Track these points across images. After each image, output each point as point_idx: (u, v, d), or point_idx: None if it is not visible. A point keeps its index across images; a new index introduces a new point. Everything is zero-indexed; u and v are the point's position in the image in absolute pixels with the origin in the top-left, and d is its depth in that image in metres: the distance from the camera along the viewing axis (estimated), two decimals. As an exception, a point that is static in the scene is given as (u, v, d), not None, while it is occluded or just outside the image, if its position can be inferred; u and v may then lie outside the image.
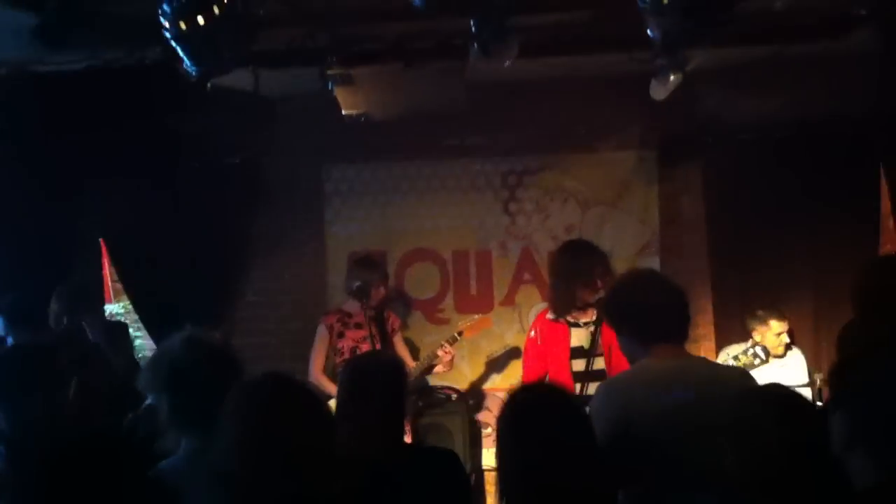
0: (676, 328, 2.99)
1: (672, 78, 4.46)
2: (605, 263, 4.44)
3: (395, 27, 4.14)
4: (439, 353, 5.53)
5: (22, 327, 4.83)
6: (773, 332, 5.61)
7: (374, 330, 5.46)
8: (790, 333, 5.71)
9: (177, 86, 4.42)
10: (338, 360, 5.48)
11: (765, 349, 4.33)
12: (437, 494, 2.82)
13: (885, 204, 6.04)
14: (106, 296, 6.90)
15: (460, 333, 5.68)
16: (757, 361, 4.24)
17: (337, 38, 4.19)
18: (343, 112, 4.51)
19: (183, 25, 3.17)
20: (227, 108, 4.95)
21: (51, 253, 5.75)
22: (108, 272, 6.92)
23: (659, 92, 4.68)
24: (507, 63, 4.30)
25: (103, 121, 5.05)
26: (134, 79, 4.68)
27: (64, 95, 4.85)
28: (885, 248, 6.10)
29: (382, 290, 5.57)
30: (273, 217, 6.43)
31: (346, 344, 5.54)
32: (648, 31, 3.22)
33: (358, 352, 5.44)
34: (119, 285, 6.94)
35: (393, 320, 5.71)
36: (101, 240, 6.27)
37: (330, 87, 4.39)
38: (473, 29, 3.70)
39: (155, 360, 2.68)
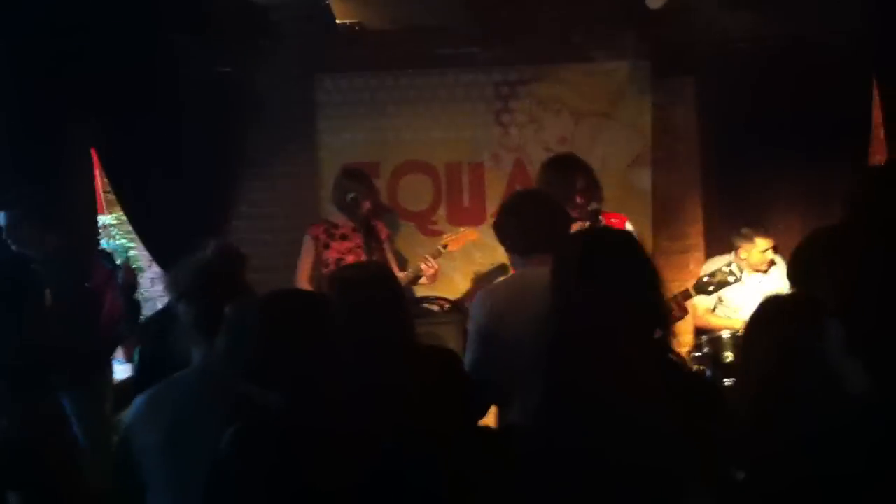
0: (546, 241, 3.22)
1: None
2: (588, 178, 4.48)
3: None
4: (423, 266, 5.57)
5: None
6: (758, 249, 5.68)
7: (360, 241, 5.50)
8: (775, 249, 5.78)
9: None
10: (324, 270, 5.54)
11: (739, 268, 4.46)
12: (437, 391, 2.90)
13: (877, 114, 6.05)
14: (98, 207, 6.91)
15: (444, 247, 5.71)
16: (731, 279, 4.38)
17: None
18: (336, 21, 4.45)
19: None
20: (219, 18, 4.90)
21: (41, 161, 5.71)
22: (99, 183, 6.92)
23: (654, 1, 4.64)
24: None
25: (96, 26, 4.99)
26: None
27: (56, 7, 4.79)
28: (875, 157, 6.13)
29: (369, 203, 5.58)
30: (266, 127, 6.41)
31: (330, 255, 5.58)
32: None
33: (342, 263, 5.45)
34: (111, 196, 6.94)
35: (381, 230, 5.75)
36: (91, 149, 6.24)
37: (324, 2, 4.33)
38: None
39: (189, 264, 2.71)
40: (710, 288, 4.46)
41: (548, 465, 2.02)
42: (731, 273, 4.37)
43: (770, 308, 2.38)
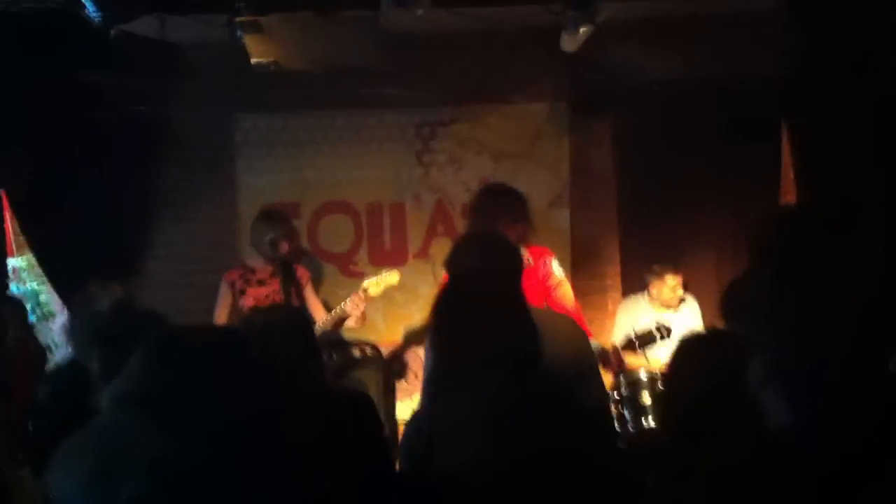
0: None
1: (582, 30, 4.51)
2: (516, 209, 4.43)
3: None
4: (348, 305, 5.41)
5: None
6: (668, 286, 5.77)
7: (278, 286, 5.39)
8: (685, 285, 5.87)
9: (81, 32, 4.30)
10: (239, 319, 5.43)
11: (668, 330, 4.53)
12: (350, 437, 2.85)
13: (786, 157, 6.24)
14: (8, 250, 6.70)
15: (365, 291, 5.48)
16: (658, 338, 4.46)
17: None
18: (252, 60, 4.42)
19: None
20: (133, 56, 4.81)
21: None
22: (9, 225, 6.71)
23: (569, 44, 4.73)
24: (420, 12, 4.29)
25: (4, 66, 4.86)
26: (37, 24, 4.51)
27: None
28: (785, 197, 6.31)
29: (287, 245, 5.47)
30: (183, 168, 6.31)
31: (246, 302, 5.44)
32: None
33: None
34: (22, 238, 6.73)
35: (301, 274, 5.61)
36: (1, 191, 6.06)
37: (239, 35, 4.29)
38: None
39: (86, 319, 2.65)
40: (638, 345, 4.55)
41: None
42: (660, 332, 4.45)
43: (691, 345, 2.42)
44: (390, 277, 5.59)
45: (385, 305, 6.42)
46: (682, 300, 5.81)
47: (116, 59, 4.73)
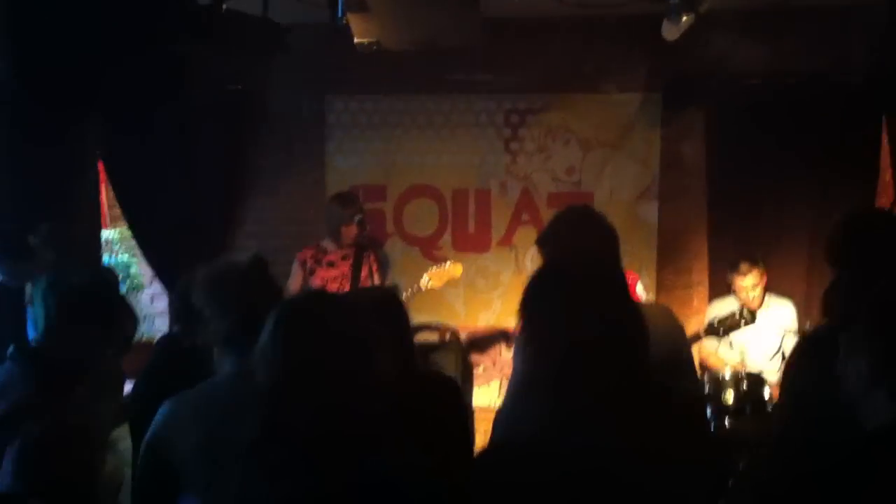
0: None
1: (685, 18, 4.42)
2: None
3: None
4: (406, 295, 5.37)
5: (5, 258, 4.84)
6: (746, 282, 5.60)
7: (347, 270, 5.43)
8: (774, 286, 5.72)
9: (186, 8, 4.38)
10: None
11: (752, 313, 4.43)
12: (436, 420, 2.85)
13: (885, 157, 6.05)
14: (102, 221, 6.89)
15: (428, 280, 5.52)
16: (742, 322, 4.37)
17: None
18: (355, 40, 4.45)
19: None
20: (235, 34, 4.89)
21: (46, 170, 5.69)
22: (104, 197, 6.90)
23: (671, 32, 4.65)
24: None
25: (108, 41, 4.98)
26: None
27: (70, 14, 4.78)
28: (881, 200, 6.13)
29: (354, 228, 5.46)
30: (275, 147, 6.42)
31: (314, 282, 5.50)
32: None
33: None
34: (116, 211, 6.92)
35: (372, 260, 5.62)
36: (99, 162, 6.23)
37: (340, 15, 4.32)
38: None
39: (221, 276, 2.67)
40: (721, 330, 4.46)
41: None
42: (742, 316, 4.36)
43: (807, 345, 2.36)
44: (453, 269, 5.61)
45: (466, 291, 6.44)
46: (762, 299, 5.66)
47: (215, 34, 4.80)
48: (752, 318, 4.45)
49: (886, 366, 1.87)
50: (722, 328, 4.45)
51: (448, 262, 5.61)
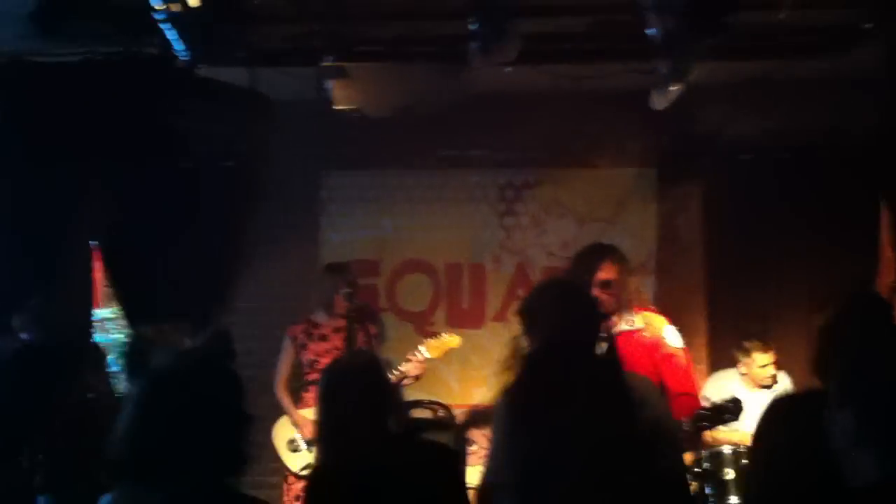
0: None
1: (673, 87, 4.41)
2: (608, 270, 4.20)
3: (395, 27, 4.09)
4: (406, 365, 5.29)
5: None
6: (756, 363, 5.54)
7: (340, 342, 5.31)
8: (777, 364, 5.61)
9: (174, 80, 4.40)
10: (302, 373, 5.40)
11: (738, 406, 4.18)
12: (430, 487, 2.76)
13: (885, 233, 5.98)
14: (95, 300, 6.83)
15: (423, 352, 5.38)
16: (727, 418, 4.11)
17: (335, 37, 4.14)
18: (336, 107, 4.44)
19: (174, 7, 3.11)
20: (224, 106, 4.91)
21: (40, 253, 5.67)
22: (98, 276, 6.85)
23: (660, 102, 4.63)
24: (508, 69, 4.27)
25: (97, 116, 5.00)
26: (130, 72, 4.63)
27: (59, 88, 4.82)
28: (884, 278, 6.02)
29: (347, 300, 5.30)
30: (267, 222, 6.35)
31: (306, 356, 5.41)
32: (650, 31, 3.16)
33: (317, 366, 5.23)
34: (109, 290, 6.86)
35: (369, 329, 5.47)
36: (92, 242, 6.20)
37: (326, 87, 4.33)
38: (474, 28, 3.65)
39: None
40: (704, 423, 4.17)
41: None
42: (728, 410, 4.09)
43: (782, 405, 2.26)
44: (451, 341, 5.49)
45: (460, 367, 6.32)
46: (774, 378, 5.54)
47: (209, 109, 4.82)
48: (737, 412, 4.19)
49: (872, 422, 1.77)
50: (705, 422, 4.16)
51: (445, 333, 5.51)
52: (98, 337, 6.97)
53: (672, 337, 4.24)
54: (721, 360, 6.03)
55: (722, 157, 6.07)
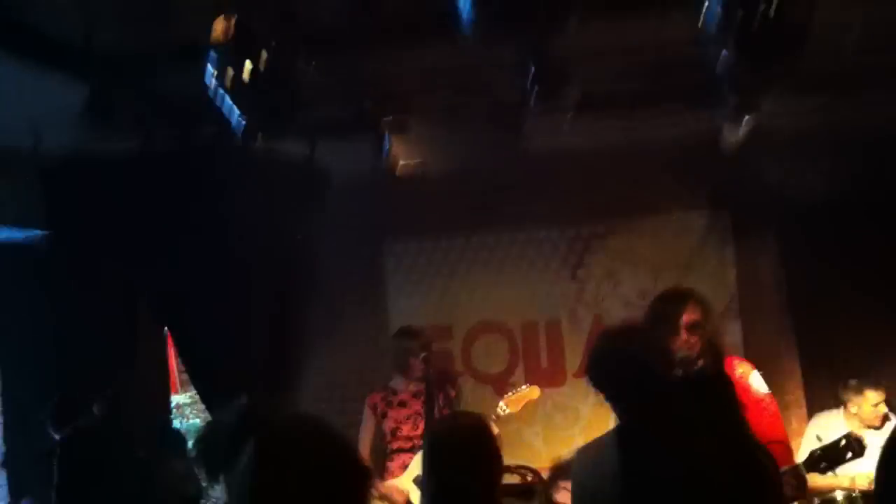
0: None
1: (743, 124, 4.24)
2: (693, 311, 4.05)
3: (451, 85, 4.02)
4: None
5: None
6: (869, 402, 5.27)
7: (419, 407, 5.21)
8: (888, 402, 5.33)
9: (232, 162, 4.38)
10: (384, 442, 5.27)
11: (859, 442, 3.90)
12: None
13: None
14: (172, 386, 6.84)
15: (505, 407, 5.24)
16: (849, 455, 3.85)
17: (391, 99, 4.09)
18: (399, 163, 4.36)
19: (230, 78, 3.08)
20: (282, 183, 4.88)
21: (114, 340, 5.69)
22: (173, 363, 6.87)
23: (731, 139, 4.46)
24: (566, 121, 4.15)
25: (156, 206, 5.02)
26: (187, 160, 4.65)
27: (117, 181, 4.85)
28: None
29: (423, 363, 5.26)
30: (334, 294, 6.33)
31: (388, 425, 5.34)
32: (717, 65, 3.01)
33: (398, 433, 5.24)
34: (185, 376, 6.87)
35: (448, 391, 5.40)
36: (166, 330, 6.22)
37: (385, 151, 4.26)
38: (531, 81, 3.55)
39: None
40: (823, 465, 3.92)
41: None
42: (850, 447, 3.84)
43: None
44: (530, 392, 5.35)
45: (545, 427, 6.14)
46: (886, 418, 5.23)
47: (263, 185, 4.80)
48: (860, 449, 3.91)
49: None
50: (824, 462, 3.91)
51: (524, 386, 5.36)
52: (176, 422, 6.97)
53: (758, 383, 4.17)
54: (818, 402, 5.75)
55: (795, 202, 5.82)
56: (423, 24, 3.18)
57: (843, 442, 3.83)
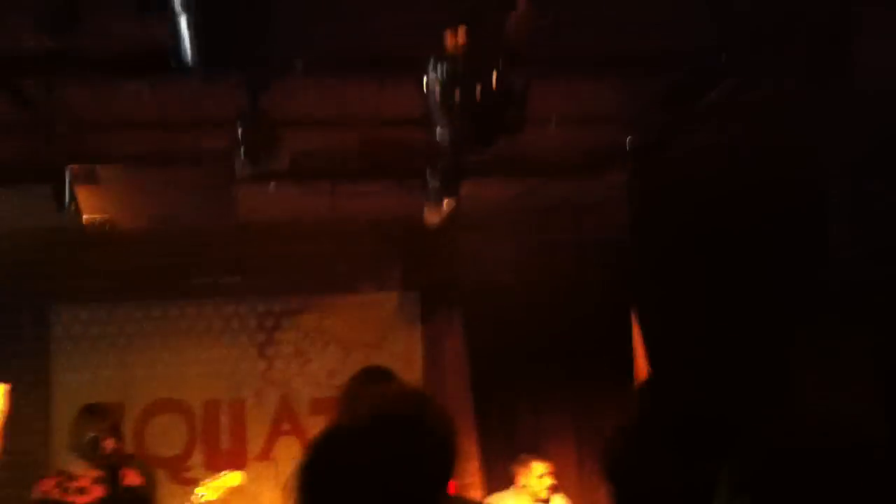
0: None
1: (446, 202, 4.34)
2: None
3: (154, 136, 3.71)
4: None
5: None
6: (534, 474, 5.53)
7: (102, 492, 4.67)
8: (553, 476, 5.60)
9: None
10: None
11: None
12: None
13: (638, 348, 6.17)
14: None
15: (202, 496, 4.92)
16: None
17: (82, 146, 3.68)
18: (84, 217, 3.91)
19: None
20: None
21: None
22: None
23: (432, 217, 4.54)
24: (272, 185, 4.01)
25: None
26: None
27: None
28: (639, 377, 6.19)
29: (111, 443, 4.77)
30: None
31: None
32: (436, 134, 3.02)
33: None
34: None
35: (132, 478, 4.90)
36: None
37: (66, 204, 3.81)
38: (241, 136, 3.37)
39: None
40: None
41: None
42: None
43: None
44: (232, 478, 5.00)
45: (223, 515, 5.71)
46: (555, 489, 5.49)
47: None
48: None
49: None
50: None
51: (226, 472, 4.99)
52: None
53: None
54: (494, 483, 5.90)
55: (480, 281, 6.06)
56: (135, 56, 2.88)
57: None
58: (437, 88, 2.72)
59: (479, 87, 2.63)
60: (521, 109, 2.75)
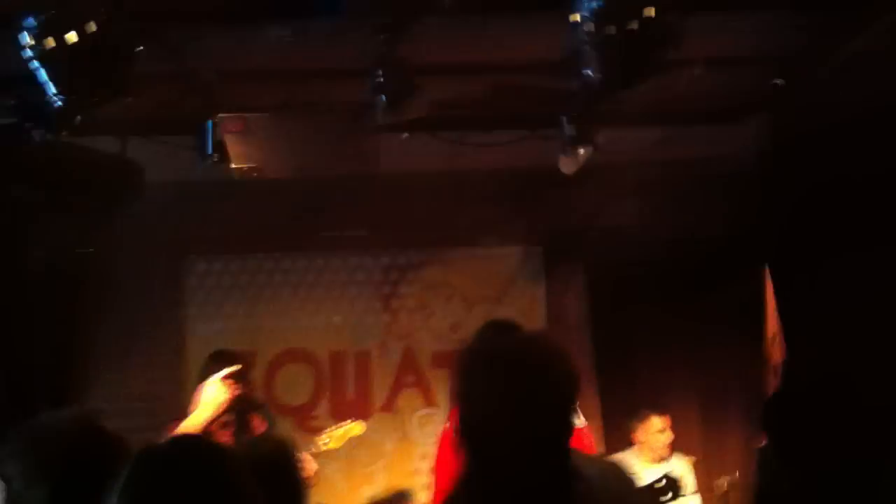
0: None
1: (582, 150, 4.26)
2: None
3: (293, 87, 3.74)
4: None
5: None
6: (653, 428, 5.48)
7: (228, 439, 4.81)
8: (672, 430, 5.55)
9: (28, 154, 3.86)
10: None
11: (676, 483, 4.00)
12: None
13: (771, 311, 6.00)
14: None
15: (326, 443, 5.05)
16: (668, 496, 3.94)
17: (222, 99, 3.74)
18: (231, 165, 3.99)
19: (50, 43, 2.66)
20: (83, 186, 4.37)
21: None
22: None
23: (569, 166, 4.47)
24: (405, 134, 4.00)
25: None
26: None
27: None
28: (773, 356, 6.02)
29: (238, 388, 4.90)
30: (127, 314, 5.75)
31: None
32: (584, 72, 2.95)
33: None
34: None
35: (257, 425, 5.03)
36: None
37: (210, 153, 3.89)
38: (379, 81, 3.37)
39: (37, 443, 2.09)
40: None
41: None
42: (669, 488, 3.90)
43: None
44: (354, 428, 5.12)
45: (347, 464, 5.84)
46: (671, 449, 5.45)
47: (62, 184, 4.28)
48: (677, 489, 3.96)
49: None
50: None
51: (349, 421, 5.11)
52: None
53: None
54: (615, 439, 5.83)
55: (605, 236, 5.97)
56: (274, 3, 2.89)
57: (663, 482, 3.89)
58: (591, 20, 2.66)
59: (634, 21, 2.55)
60: (678, 46, 2.66)
